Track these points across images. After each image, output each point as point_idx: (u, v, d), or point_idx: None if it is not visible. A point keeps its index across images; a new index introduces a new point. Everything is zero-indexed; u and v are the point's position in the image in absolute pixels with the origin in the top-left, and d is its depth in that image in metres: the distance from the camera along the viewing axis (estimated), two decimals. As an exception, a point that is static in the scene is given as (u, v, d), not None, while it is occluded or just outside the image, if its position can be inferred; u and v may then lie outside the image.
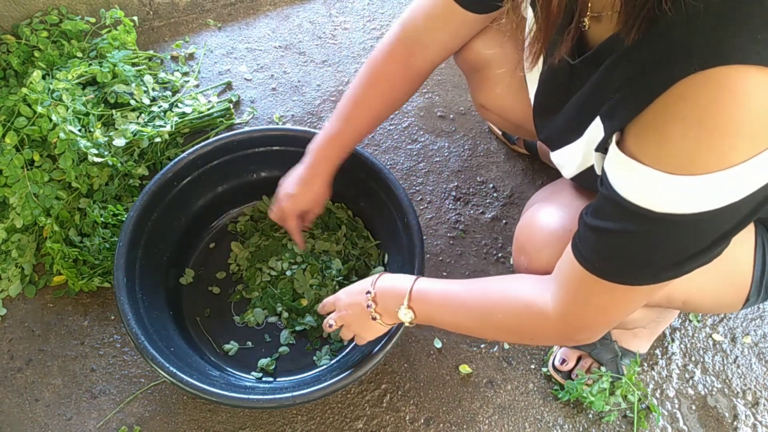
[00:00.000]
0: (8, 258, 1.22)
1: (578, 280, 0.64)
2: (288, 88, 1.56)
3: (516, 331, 0.75)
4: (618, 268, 0.60)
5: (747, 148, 0.46)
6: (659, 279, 0.60)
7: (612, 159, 0.57)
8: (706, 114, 0.45)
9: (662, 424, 1.12)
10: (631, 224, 0.55)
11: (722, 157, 0.46)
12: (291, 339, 1.15)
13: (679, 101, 0.46)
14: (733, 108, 0.44)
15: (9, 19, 1.44)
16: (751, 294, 0.79)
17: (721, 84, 0.44)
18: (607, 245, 0.59)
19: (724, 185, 0.48)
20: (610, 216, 0.58)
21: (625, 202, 0.54)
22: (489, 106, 1.06)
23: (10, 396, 1.12)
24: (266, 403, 0.92)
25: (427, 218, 1.35)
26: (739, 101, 0.44)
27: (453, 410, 1.12)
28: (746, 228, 0.76)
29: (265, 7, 1.72)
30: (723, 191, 0.48)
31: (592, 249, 0.61)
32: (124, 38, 1.46)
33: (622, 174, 0.55)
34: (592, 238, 0.61)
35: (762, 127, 0.45)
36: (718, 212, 0.50)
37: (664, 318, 1.14)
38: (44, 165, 1.23)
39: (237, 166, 1.21)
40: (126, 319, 0.96)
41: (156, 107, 1.40)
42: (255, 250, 1.23)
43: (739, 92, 0.43)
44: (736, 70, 0.43)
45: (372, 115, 0.99)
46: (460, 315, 0.78)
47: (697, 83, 0.45)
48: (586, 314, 0.67)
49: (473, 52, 0.96)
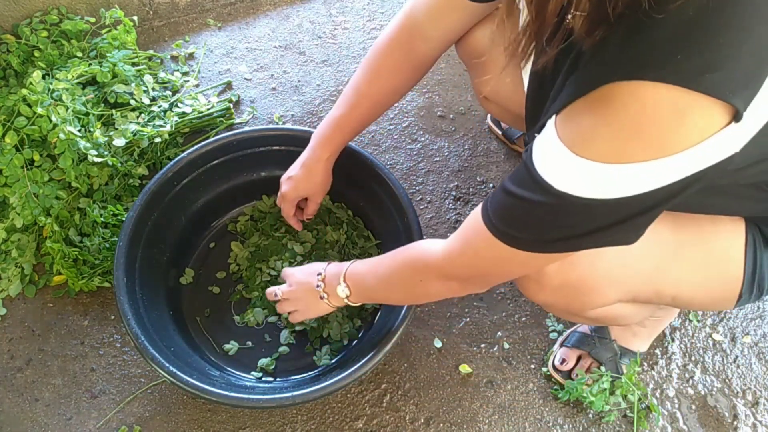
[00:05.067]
0: (8, 258, 1.22)
1: (472, 227, 0.71)
2: (288, 87, 1.56)
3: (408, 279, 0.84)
4: (504, 227, 0.65)
5: (642, 152, 0.51)
6: (536, 249, 0.65)
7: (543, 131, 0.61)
8: (615, 117, 0.51)
9: (662, 424, 1.12)
10: (532, 193, 0.60)
11: (618, 154, 0.52)
12: (291, 339, 1.15)
13: (599, 101, 0.52)
14: (638, 117, 0.50)
15: (9, 18, 1.44)
16: (743, 291, 0.80)
17: (634, 95, 0.50)
18: (505, 204, 0.65)
19: (615, 179, 0.53)
20: (520, 181, 0.63)
21: (533, 170, 0.59)
22: (490, 96, 1.07)
23: (10, 396, 1.12)
24: (266, 403, 0.92)
25: (427, 218, 1.35)
26: (645, 112, 0.50)
27: (453, 410, 1.12)
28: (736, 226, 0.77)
29: (265, 7, 1.72)
30: (614, 184, 0.54)
31: (495, 205, 0.67)
32: (124, 38, 1.46)
33: (541, 146, 0.60)
34: (499, 196, 0.66)
35: (661, 138, 0.50)
36: (605, 203, 0.55)
37: (664, 317, 1.14)
38: (44, 165, 1.23)
39: (237, 166, 1.21)
40: (126, 319, 0.96)
41: (156, 107, 1.40)
42: (255, 250, 1.23)
43: (647, 104, 0.49)
44: (649, 86, 0.49)
45: (375, 102, 1.01)
46: (381, 282, 0.88)
47: (616, 90, 0.51)
48: (464, 254, 0.73)
49: (474, 41, 0.97)
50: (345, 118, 1.01)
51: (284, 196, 1.10)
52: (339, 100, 1.01)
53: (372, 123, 1.08)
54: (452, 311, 1.23)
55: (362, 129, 1.06)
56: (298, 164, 1.07)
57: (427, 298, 0.91)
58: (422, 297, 0.90)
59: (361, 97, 0.99)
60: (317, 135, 1.04)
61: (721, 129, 0.50)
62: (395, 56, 0.95)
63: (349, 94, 1.00)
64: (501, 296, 1.25)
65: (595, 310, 0.85)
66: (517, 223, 0.64)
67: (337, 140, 1.04)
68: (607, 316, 0.89)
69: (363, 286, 0.91)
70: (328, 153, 1.04)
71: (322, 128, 1.03)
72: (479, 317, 1.22)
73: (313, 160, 1.05)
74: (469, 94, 1.56)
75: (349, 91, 1.00)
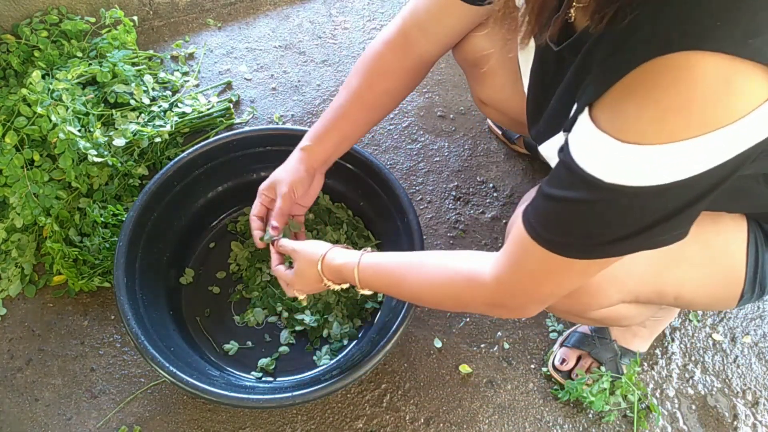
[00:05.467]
0: (8, 258, 1.22)
1: (519, 245, 0.66)
2: (288, 87, 1.56)
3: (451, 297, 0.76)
4: (555, 237, 0.61)
5: (695, 126, 0.49)
6: (592, 254, 0.61)
7: (575, 128, 0.58)
8: (663, 93, 0.49)
9: (662, 424, 1.12)
10: (578, 192, 0.57)
11: (671, 132, 0.49)
12: (291, 339, 1.15)
13: (642, 81, 0.50)
14: (688, 89, 0.47)
15: (9, 18, 1.44)
16: (745, 291, 0.79)
17: (680, 67, 0.47)
18: (551, 211, 0.61)
19: (669, 160, 0.50)
20: (561, 182, 0.59)
21: (577, 167, 0.56)
22: (488, 101, 1.06)
23: (10, 396, 1.12)
24: (266, 403, 0.92)
25: (427, 218, 1.35)
26: (694, 83, 0.47)
27: (453, 410, 1.12)
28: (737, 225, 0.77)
29: (265, 7, 1.72)
30: (668, 166, 0.51)
31: (538, 215, 0.62)
32: (124, 38, 1.46)
33: (580, 140, 0.57)
34: (540, 204, 0.62)
35: (713, 109, 0.48)
36: (660, 189, 0.52)
37: (664, 317, 1.14)
38: (44, 165, 1.23)
39: (237, 166, 1.21)
40: (126, 319, 0.96)
41: (156, 107, 1.40)
42: (255, 250, 1.23)
43: (695, 75, 0.47)
44: (694, 55, 0.46)
45: (369, 105, 0.96)
46: (406, 288, 0.81)
47: (658, 66, 0.48)
48: (519, 280, 0.68)
49: (472, 46, 0.96)
50: (338, 123, 0.95)
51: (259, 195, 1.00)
52: (332, 103, 0.96)
53: (368, 130, 1.01)
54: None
55: (356, 136, 0.99)
56: (281, 167, 0.99)
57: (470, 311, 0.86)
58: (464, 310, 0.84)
59: (355, 100, 0.94)
60: (308, 137, 0.97)
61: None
62: (390, 59, 0.93)
63: (343, 97, 0.95)
64: (501, 296, 1.25)
65: (597, 311, 0.85)
66: (568, 228, 0.60)
67: (329, 145, 0.97)
68: (610, 317, 0.89)
69: (381, 284, 0.84)
70: (315, 163, 0.97)
71: (314, 131, 0.97)
72: (479, 317, 1.22)
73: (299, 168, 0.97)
74: (469, 94, 1.55)
75: (342, 94, 0.95)
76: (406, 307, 0.98)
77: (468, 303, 0.76)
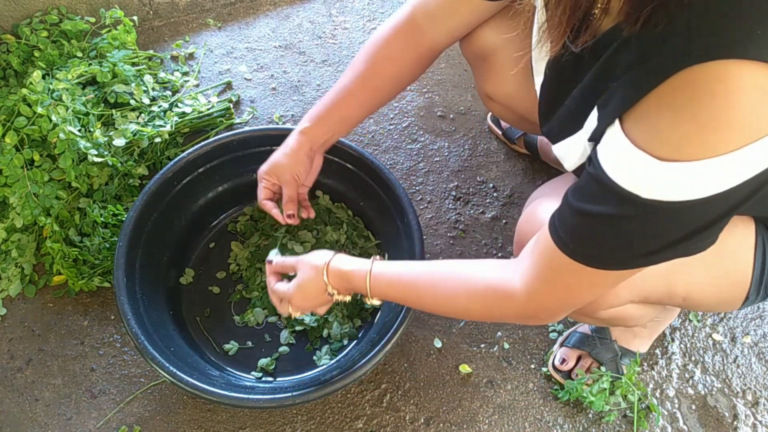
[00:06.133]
0: (8, 258, 1.22)
1: (549, 259, 0.65)
2: (288, 87, 1.56)
3: (481, 311, 0.76)
4: (591, 251, 0.61)
5: (736, 139, 0.47)
6: (630, 265, 0.60)
7: (606, 140, 0.57)
8: (701, 106, 0.46)
9: (662, 424, 1.12)
10: (613, 207, 0.55)
11: (711, 148, 0.47)
12: (291, 339, 1.15)
13: (676, 92, 0.48)
14: (727, 101, 0.45)
15: (9, 18, 1.44)
16: (750, 293, 0.79)
17: (718, 78, 0.45)
18: (584, 226, 0.60)
19: (710, 174, 0.49)
20: (593, 197, 0.58)
21: (611, 183, 0.55)
22: (495, 96, 1.06)
23: (10, 396, 1.12)
24: (266, 403, 0.92)
25: (427, 218, 1.35)
26: (732, 95, 0.45)
27: (453, 410, 1.12)
28: (746, 227, 0.76)
29: (265, 7, 1.72)
30: (709, 180, 0.49)
31: (569, 228, 0.61)
32: (124, 38, 1.46)
33: (613, 155, 0.55)
34: (570, 217, 0.61)
35: (753, 120, 0.46)
36: (700, 202, 0.51)
37: (665, 317, 1.14)
38: (44, 165, 1.23)
39: (237, 166, 1.21)
40: (126, 319, 0.96)
41: (156, 107, 1.40)
42: (255, 250, 1.23)
43: (733, 86, 0.45)
44: (732, 64, 0.44)
45: (373, 88, 0.95)
46: (428, 299, 0.79)
47: (694, 76, 0.46)
48: (553, 293, 0.67)
49: (480, 39, 0.96)
50: (341, 103, 0.95)
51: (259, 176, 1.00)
52: (335, 86, 0.95)
53: (368, 115, 1.01)
54: (452, 311, 1.23)
55: (356, 119, 0.98)
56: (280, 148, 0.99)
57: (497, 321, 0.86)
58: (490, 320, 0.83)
59: (360, 83, 0.94)
60: (308, 118, 0.97)
61: None
62: (398, 44, 0.92)
63: (347, 78, 0.94)
64: (501, 296, 1.25)
65: (606, 311, 0.85)
66: (604, 242, 0.59)
67: (329, 125, 0.97)
68: (617, 317, 0.89)
69: (398, 294, 0.82)
70: (313, 143, 0.97)
71: (315, 112, 0.96)
72: (479, 317, 1.22)
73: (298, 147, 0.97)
74: (469, 94, 1.56)
75: (347, 76, 0.94)
76: (406, 307, 0.98)
77: (498, 316, 0.75)
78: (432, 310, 0.82)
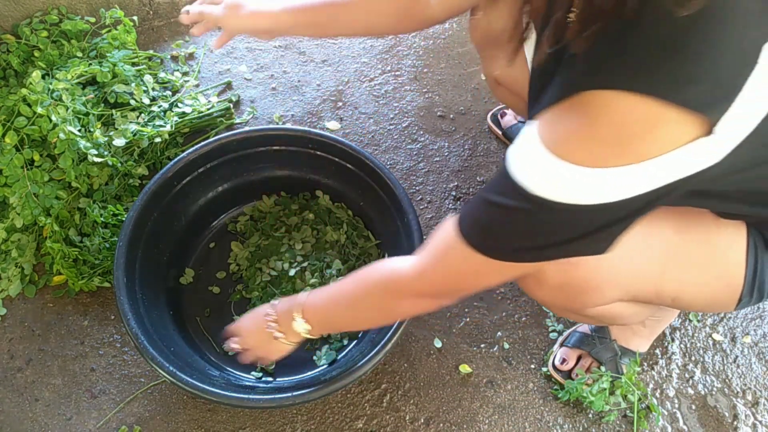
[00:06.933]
0: (8, 258, 1.22)
1: (444, 239, 0.69)
2: (288, 87, 1.56)
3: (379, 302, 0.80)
4: (480, 237, 0.64)
5: (617, 158, 0.52)
6: (514, 258, 0.63)
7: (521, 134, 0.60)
8: (593, 123, 0.52)
9: (662, 424, 1.12)
10: (509, 199, 0.59)
11: (596, 158, 0.53)
12: (291, 339, 1.15)
13: (579, 105, 0.53)
14: (611, 126, 0.51)
15: (9, 18, 1.44)
16: (743, 294, 0.79)
17: (607, 105, 0.51)
18: (481, 212, 0.64)
19: (593, 183, 0.53)
20: (495, 187, 0.62)
21: (511, 176, 0.58)
22: (501, 80, 1.07)
23: (10, 396, 1.12)
24: (266, 403, 0.92)
25: (427, 218, 1.35)
26: (615, 122, 0.51)
27: (453, 410, 1.12)
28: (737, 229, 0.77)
29: (265, 7, 1.72)
30: (592, 189, 0.54)
31: (469, 213, 0.65)
32: (124, 38, 1.46)
33: (518, 147, 0.59)
34: (475, 204, 0.65)
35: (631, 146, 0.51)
36: (583, 209, 0.55)
37: (664, 317, 1.14)
38: (44, 165, 1.23)
39: (237, 166, 1.21)
40: (126, 319, 0.96)
41: (156, 107, 1.40)
42: (255, 250, 1.23)
43: (617, 115, 0.50)
44: (620, 96, 0.50)
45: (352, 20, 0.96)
46: (348, 308, 0.83)
47: (591, 98, 0.52)
48: (439, 271, 0.71)
49: (487, 23, 0.97)
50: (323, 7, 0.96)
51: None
52: None
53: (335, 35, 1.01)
54: (452, 311, 1.23)
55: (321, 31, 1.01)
56: None
57: (398, 318, 0.90)
58: (392, 318, 0.89)
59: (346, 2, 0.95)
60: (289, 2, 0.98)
61: (694, 139, 0.51)
62: (392, 10, 0.94)
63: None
64: (501, 296, 1.25)
65: (594, 309, 0.85)
66: (494, 232, 0.63)
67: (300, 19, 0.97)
68: (607, 315, 0.89)
69: (326, 315, 0.86)
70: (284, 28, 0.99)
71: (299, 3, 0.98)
72: (479, 317, 1.22)
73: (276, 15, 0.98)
74: (469, 94, 1.56)
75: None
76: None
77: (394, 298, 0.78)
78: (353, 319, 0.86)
